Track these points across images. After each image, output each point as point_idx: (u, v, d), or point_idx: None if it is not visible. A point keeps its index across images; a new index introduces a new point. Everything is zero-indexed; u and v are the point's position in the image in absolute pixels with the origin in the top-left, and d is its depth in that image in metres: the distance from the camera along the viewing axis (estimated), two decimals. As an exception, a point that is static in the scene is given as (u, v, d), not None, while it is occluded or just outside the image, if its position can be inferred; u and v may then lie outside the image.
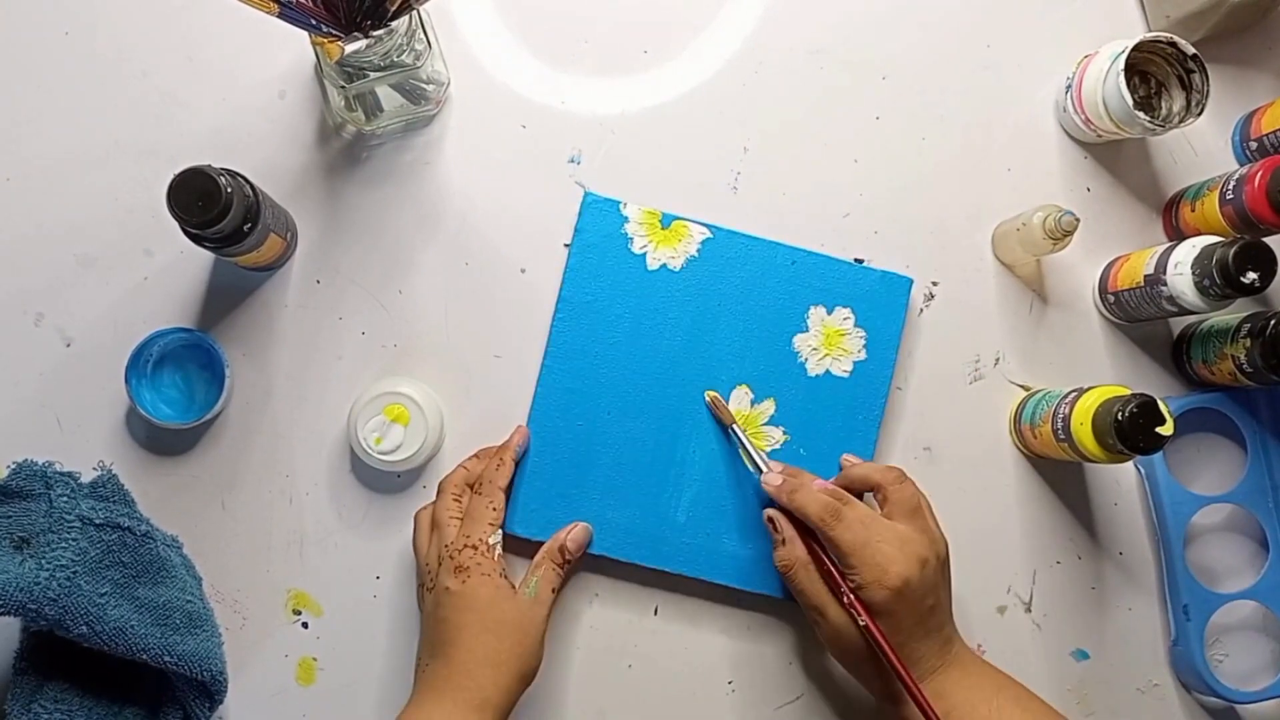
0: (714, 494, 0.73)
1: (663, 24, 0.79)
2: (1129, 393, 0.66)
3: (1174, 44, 0.72)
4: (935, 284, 0.78)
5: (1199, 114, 0.72)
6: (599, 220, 0.75)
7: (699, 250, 0.75)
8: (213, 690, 0.69)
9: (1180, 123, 0.72)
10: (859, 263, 0.76)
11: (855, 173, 0.78)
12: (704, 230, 0.75)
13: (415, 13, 0.66)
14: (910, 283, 0.76)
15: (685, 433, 0.74)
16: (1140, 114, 0.71)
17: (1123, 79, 0.70)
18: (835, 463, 0.74)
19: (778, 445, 0.74)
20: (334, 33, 0.64)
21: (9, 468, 0.67)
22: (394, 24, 0.64)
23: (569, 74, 0.78)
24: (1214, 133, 0.79)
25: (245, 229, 0.65)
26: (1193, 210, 0.76)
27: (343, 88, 0.69)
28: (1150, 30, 0.79)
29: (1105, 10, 0.80)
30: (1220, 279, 0.66)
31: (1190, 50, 0.72)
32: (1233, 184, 0.72)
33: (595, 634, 0.74)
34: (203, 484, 0.74)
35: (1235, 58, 0.80)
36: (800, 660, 0.75)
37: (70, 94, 0.76)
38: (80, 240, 0.75)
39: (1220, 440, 0.78)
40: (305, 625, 0.73)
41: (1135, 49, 0.71)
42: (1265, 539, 0.76)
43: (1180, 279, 0.69)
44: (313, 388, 0.75)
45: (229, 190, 0.62)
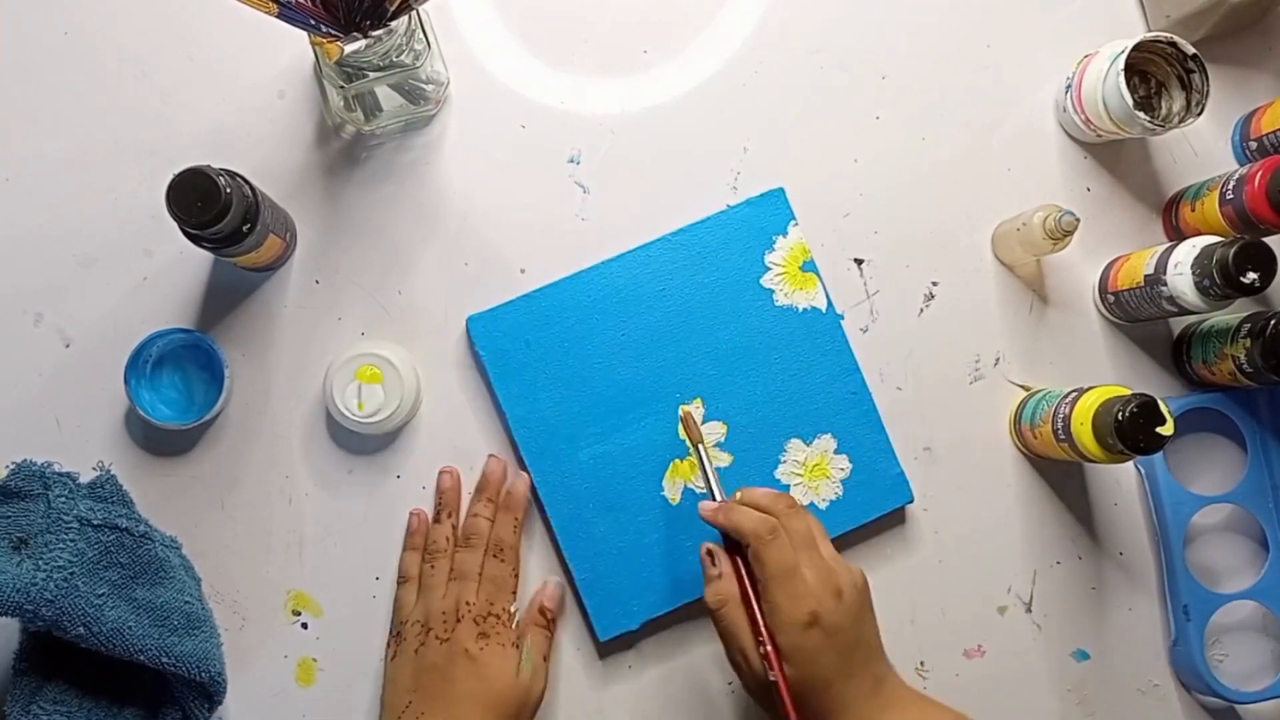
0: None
1: (663, 24, 0.79)
2: (1129, 393, 0.66)
3: (1174, 44, 0.72)
4: (935, 284, 0.78)
5: (1199, 114, 0.72)
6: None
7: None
8: (211, 691, 0.69)
9: (1180, 123, 0.72)
10: (859, 262, 0.76)
11: (855, 173, 0.78)
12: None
13: (414, 13, 0.66)
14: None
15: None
16: (1140, 114, 0.71)
17: (1123, 79, 0.70)
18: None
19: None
20: (333, 33, 0.64)
21: (8, 468, 0.67)
22: (393, 24, 0.64)
23: (569, 74, 0.78)
24: (1214, 133, 0.79)
25: (245, 229, 0.65)
26: (1193, 210, 0.76)
27: (342, 88, 0.69)
28: (1150, 30, 0.79)
29: (1105, 10, 0.80)
30: (1220, 279, 0.66)
31: (1190, 50, 0.72)
32: (1233, 184, 0.72)
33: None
34: (202, 484, 0.74)
35: (1235, 58, 0.80)
36: (800, 660, 0.75)
37: (70, 94, 0.76)
38: (80, 240, 0.75)
39: (1220, 440, 0.77)
40: (305, 626, 0.73)
41: (1135, 49, 0.71)
42: (1265, 539, 0.76)
43: (1180, 279, 0.69)
44: (312, 388, 0.75)
45: (228, 190, 0.62)
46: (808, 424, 0.74)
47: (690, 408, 0.73)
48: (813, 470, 0.74)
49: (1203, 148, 0.79)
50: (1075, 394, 0.69)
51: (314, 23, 0.63)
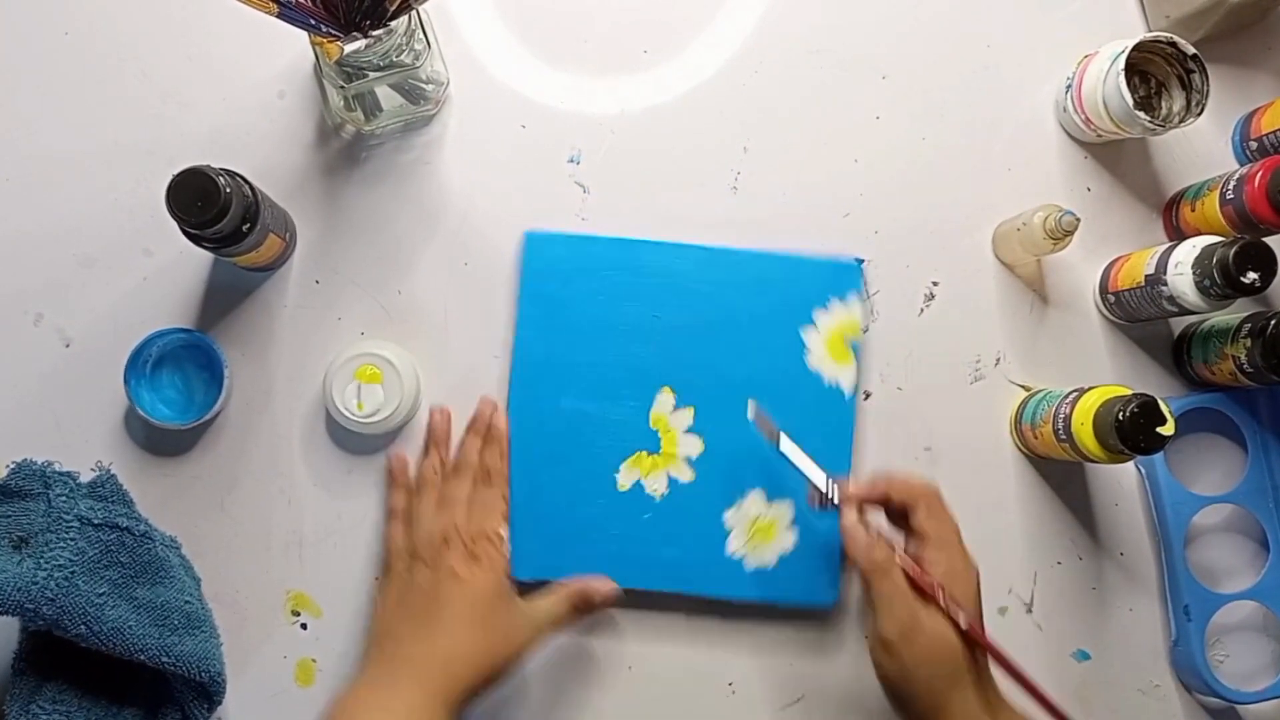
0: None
1: (663, 24, 0.79)
2: (1130, 393, 0.66)
3: (1174, 44, 0.72)
4: (935, 284, 0.78)
5: (1199, 114, 0.72)
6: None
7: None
8: (211, 691, 0.69)
9: (1180, 123, 0.72)
10: (859, 262, 0.76)
11: (855, 173, 0.78)
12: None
13: (414, 13, 0.66)
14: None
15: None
16: (1140, 114, 0.71)
17: (1123, 79, 0.70)
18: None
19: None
20: (333, 33, 0.64)
21: (8, 467, 0.67)
22: (393, 24, 0.64)
23: (569, 74, 0.78)
24: (1214, 133, 0.79)
25: (244, 229, 0.65)
26: (1193, 210, 0.76)
27: (342, 88, 0.69)
28: (1150, 30, 0.79)
29: (1105, 10, 0.80)
30: (1220, 279, 0.66)
31: (1190, 50, 0.72)
32: (1233, 184, 0.72)
33: (595, 634, 0.74)
34: (202, 484, 0.74)
35: (1235, 58, 0.80)
36: (801, 662, 0.75)
37: (70, 94, 0.76)
38: (80, 240, 0.75)
39: (1220, 440, 0.77)
40: (304, 626, 0.73)
41: (1135, 49, 0.71)
42: (1265, 539, 0.76)
43: (1180, 279, 0.68)
44: (312, 388, 0.75)
45: (228, 190, 0.62)
46: (779, 485, 0.73)
47: (755, 406, 0.71)
48: (758, 529, 0.73)
49: (1203, 148, 0.79)
50: (1076, 394, 0.69)
51: (314, 23, 0.63)
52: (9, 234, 0.75)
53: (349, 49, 0.67)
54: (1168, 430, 0.64)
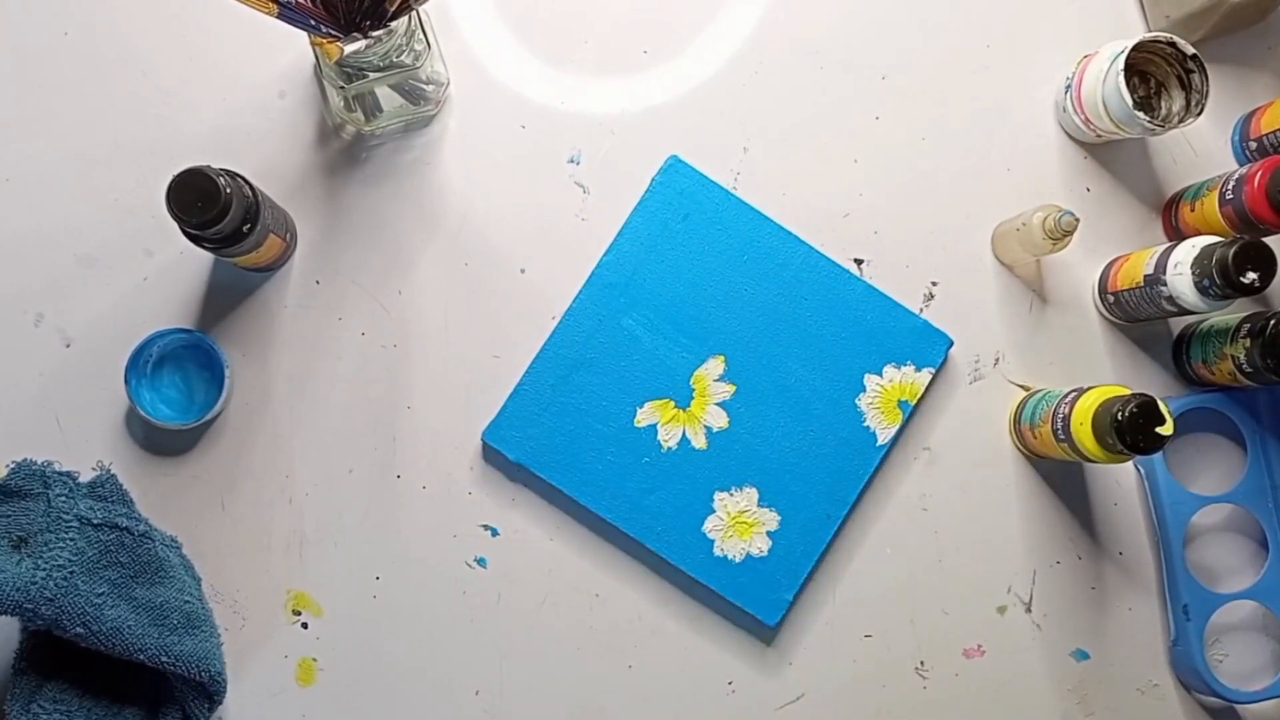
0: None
1: (663, 24, 0.79)
2: (1129, 393, 0.66)
3: (1174, 44, 0.72)
4: (935, 284, 0.78)
5: (1199, 114, 0.72)
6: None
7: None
8: (211, 691, 0.69)
9: (1180, 123, 0.72)
10: (950, 342, 0.76)
11: (855, 173, 0.78)
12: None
13: (415, 13, 0.66)
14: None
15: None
16: (1140, 114, 0.71)
17: (1122, 79, 0.70)
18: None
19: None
20: (333, 33, 0.64)
21: (8, 467, 0.67)
22: (393, 24, 0.64)
23: (569, 74, 0.78)
24: (1214, 133, 0.79)
25: (245, 229, 0.65)
26: (1192, 210, 0.76)
27: (342, 88, 0.69)
28: (1150, 30, 0.79)
29: (1105, 10, 0.80)
30: (1220, 279, 0.66)
31: (1190, 50, 0.72)
32: (1232, 184, 0.72)
33: (595, 634, 0.74)
34: (202, 484, 0.74)
35: (1235, 58, 0.80)
36: (800, 660, 0.75)
37: (70, 94, 0.76)
38: (80, 240, 0.75)
39: (1220, 440, 0.77)
40: (305, 626, 0.73)
41: (1135, 49, 0.71)
42: (1265, 539, 0.76)
43: (1180, 279, 0.69)
44: (313, 388, 0.75)
45: (228, 191, 0.62)
46: (776, 494, 0.74)
47: None
48: (739, 522, 0.74)
49: (1202, 148, 0.79)
50: (1075, 394, 0.69)
51: (314, 23, 0.63)
52: (9, 234, 0.75)
53: (349, 49, 0.67)
54: (1166, 430, 0.64)
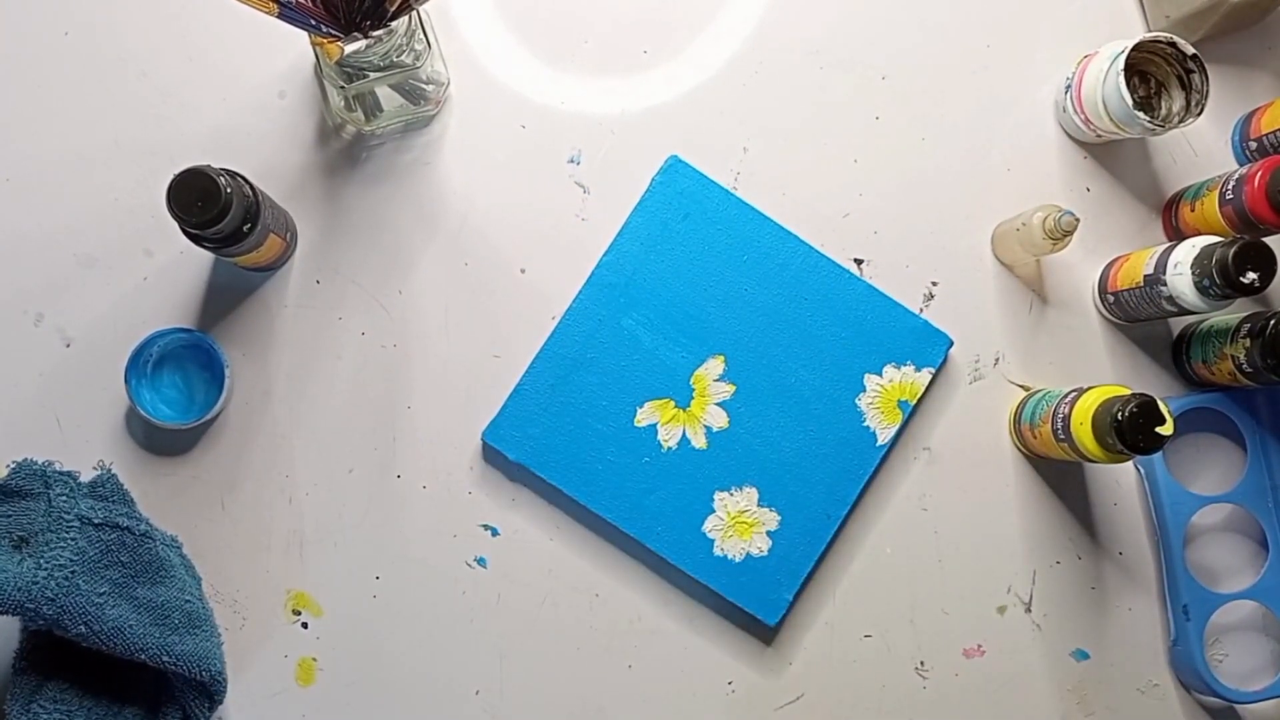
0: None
1: (663, 24, 0.79)
2: (1129, 393, 0.66)
3: (1174, 44, 0.72)
4: (935, 284, 0.78)
5: (1199, 114, 0.72)
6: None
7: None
8: (212, 690, 0.69)
9: (1180, 123, 0.72)
10: (950, 342, 0.76)
11: (855, 173, 0.78)
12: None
13: (415, 13, 0.66)
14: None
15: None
16: (1140, 114, 0.71)
17: (1122, 79, 0.70)
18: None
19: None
20: (334, 33, 0.64)
21: (9, 467, 0.67)
22: (394, 24, 0.64)
23: (569, 74, 0.78)
24: (1214, 133, 0.79)
25: (245, 229, 0.65)
26: (1192, 210, 0.76)
27: (342, 88, 0.69)
28: (1150, 30, 0.79)
29: (1105, 10, 0.80)
30: (1220, 279, 0.66)
31: (1190, 50, 0.72)
32: (1232, 184, 0.72)
33: (595, 634, 0.74)
34: (202, 484, 0.74)
35: (1235, 58, 0.80)
36: (800, 660, 0.75)
37: (70, 94, 0.76)
38: (80, 240, 0.75)
39: (1220, 440, 0.77)
40: (305, 625, 0.73)
41: (1135, 49, 0.71)
42: (1265, 539, 0.76)
43: (1180, 279, 0.69)
44: (313, 388, 0.75)
45: (229, 190, 0.62)
46: (776, 493, 0.74)
47: None
48: (740, 522, 0.74)
49: (1202, 148, 0.79)
50: (1075, 394, 0.69)
51: (314, 23, 0.63)
52: (9, 234, 0.75)
53: (349, 49, 0.67)
54: (1166, 430, 0.64)
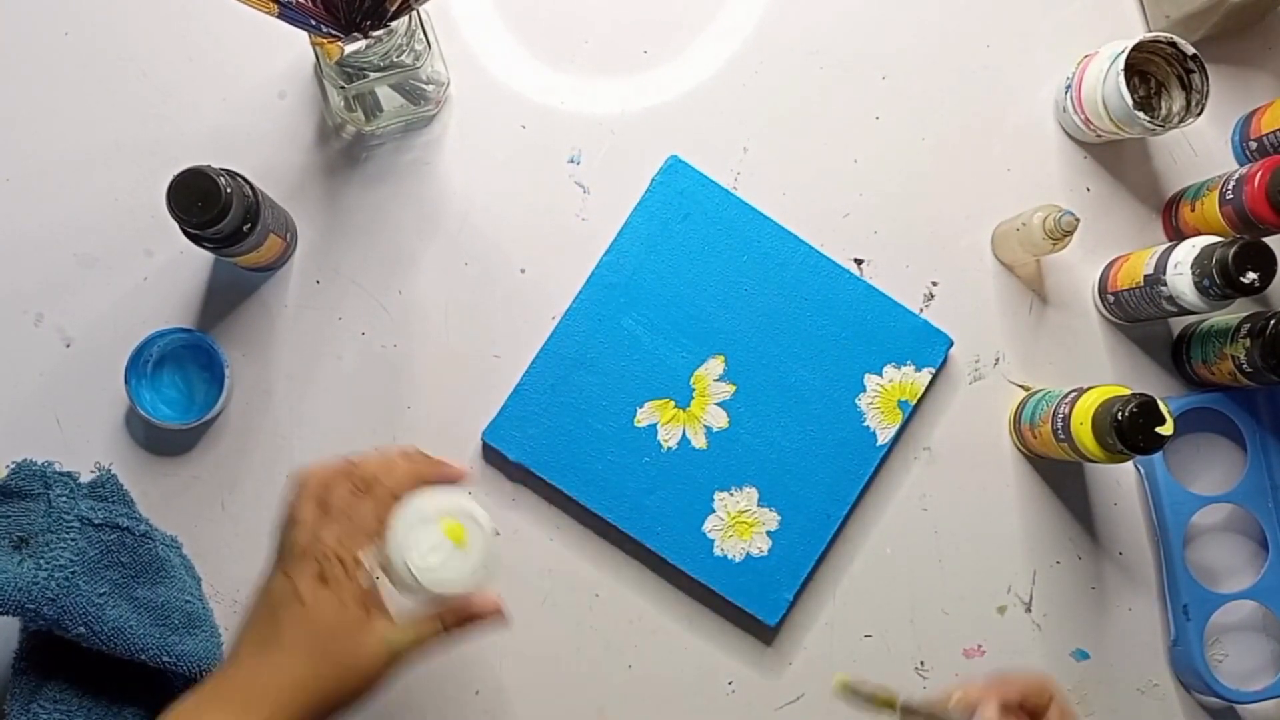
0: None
1: (663, 24, 0.79)
2: (1129, 393, 0.66)
3: (1174, 44, 0.72)
4: (935, 284, 0.78)
5: (1199, 114, 0.72)
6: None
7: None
8: (212, 690, 0.69)
9: (1180, 123, 0.72)
10: (950, 342, 0.76)
11: (855, 173, 0.78)
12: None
13: (415, 13, 0.66)
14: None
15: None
16: (1140, 114, 0.71)
17: (1123, 79, 0.70)
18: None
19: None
20: (334, 33, 0.64)
21: (8, 467, 0.67)
22: (394, 24, 0.64)
23: (569, 74, 0.78)
24: (1214, 133, 0.79)
25: (245, 229, 0.65)
26: (1192, 210, 0.76)
27: (342, 88, 0.69)
28: (1150, 30, 0.79)
29: (1105, 10, 0.80)
30: (1220, 279, 0.66)
31: (1190, 50, 0.72)
32: (1232, 184, 0.72)
33: (595, 634, 0.74)
34: (202, 484, 0.74)
35: (1235, 58, 0.80)
36: (800, 660, 0.75)
37: (70, 94, 0.76)
38: (80, 240, 0.75)
39: (1220, 440, 0.77)
40: (305, 625, 0.73)
41: (1135, 49, 0.71)
42: (1265, 539, 0.76)
43: (1180, 279, 0.69)
44: (313, 388, 0.75)
45: (229, 190, 0.62)
46: (775, 493, 0.74)
47: (845, 679, 0.62)
48: (740, 522, 0.74)
49: (1203, 148, 0.79)
50: (1075, 394, 0.69)
51: (314, 23, 0.63)
52: (9, 234, 0.75)
53: (349, 49, 0.67)
54: (1166, 430, 0.64)
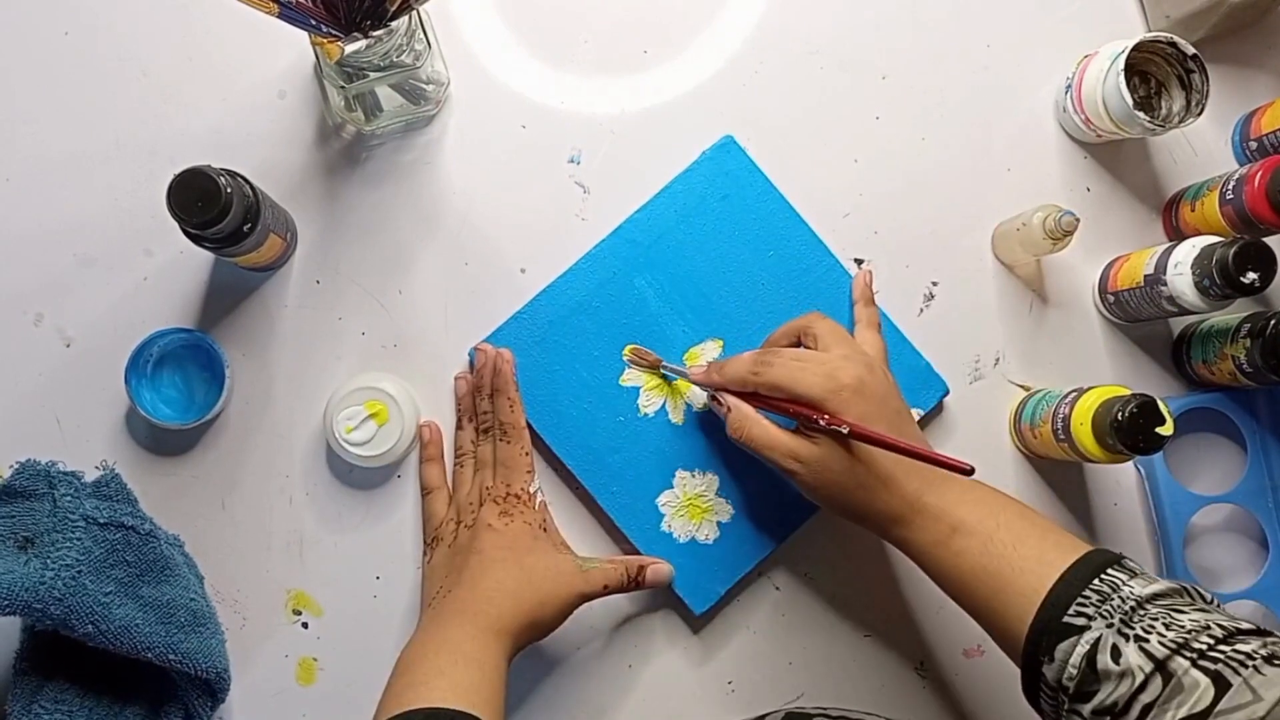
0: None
1: (663, 24, 0.79)
2: (1129, 393, 0.66)
3: (1174, 44, 0.72)
4: (935, 284, 0.78)
5: (1199, 114, 0.72)
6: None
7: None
8: (216, 688, 0.69)
9: (1180, 123, 0.72)
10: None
11: (855, 173, 0.78)
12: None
13: (415, 13, 0.66)
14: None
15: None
16: (1140, 114, 0.71)
17: (1123, 79, 0.70)
18: None
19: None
20: (334, 33, 0.64)
21: (12, 468, 0.67)
22: (394, 24, 0.64)
23: (569, 74, 0.78)
24: (1214, 133, 0.79)
25: (245, 229, 0.65)
26: (1193, 210, 0.76)
27: (342, 88, 0.69)
28: (1150, 30, 0.79)
29: (1105, 10, 0.80)
30: (1220, 279, 0.66)
31: (1190, 50, 0.72)
32: (1233, 184, 0.72)
33: (595, 634, 0.74)
34: (203, 484, 0.74)
35: (1235, 58, 0.80)
36: (800, 660, 0.75)
37: (70, 94, 0.76)
38: (80, 240, 0.75)
39: (1220, 440, 0.78)
40: (305, 625, 0.74)
41: (1135, 49, 0.71)
42: (1265, 539, 0.76)
43: (1180, 279, 0.69)
44: (313, 388, 0.75)
45: (229, 190, 0.62)
46: (733, 487, 0.74)
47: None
48: (692, 505, 0.74)
49: (1203, 148, 0.79)
50: (1075, 394, 0.69)
51: (314, 23, 0.63)
52: (9, 234, 0.75)
53: (349, 49, 0.67)
54: (1167, 430, 0.64)
